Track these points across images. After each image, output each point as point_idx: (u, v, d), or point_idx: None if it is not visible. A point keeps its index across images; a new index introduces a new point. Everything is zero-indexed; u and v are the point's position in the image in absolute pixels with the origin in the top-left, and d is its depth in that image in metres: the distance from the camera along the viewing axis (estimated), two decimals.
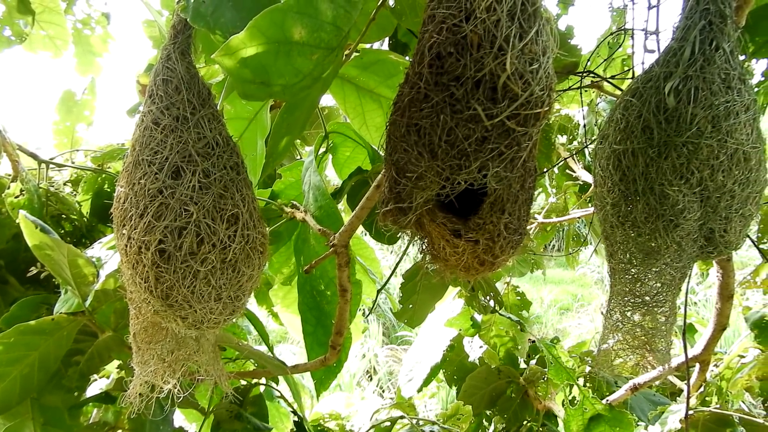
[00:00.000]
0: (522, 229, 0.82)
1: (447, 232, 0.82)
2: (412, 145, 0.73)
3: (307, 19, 0.68)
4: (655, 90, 0.92)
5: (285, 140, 0.81)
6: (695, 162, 0.89)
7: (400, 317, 1.46)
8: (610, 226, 0.98)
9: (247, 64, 0.66)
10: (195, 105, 0.77)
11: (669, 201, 0.91)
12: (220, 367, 0.88)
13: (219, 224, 0.73)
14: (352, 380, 5.92)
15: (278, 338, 6.35)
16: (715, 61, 0.89)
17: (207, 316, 0.74)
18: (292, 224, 1.43)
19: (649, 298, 0.99)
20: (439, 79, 0.71)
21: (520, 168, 0.75)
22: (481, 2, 0.70)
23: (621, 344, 1.02)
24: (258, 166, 1.22)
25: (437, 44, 0.71)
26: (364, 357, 6.29)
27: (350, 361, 6.07)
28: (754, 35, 1.28)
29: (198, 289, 0.73)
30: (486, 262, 0.82)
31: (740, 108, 0.90)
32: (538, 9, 0.71)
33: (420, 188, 0.75)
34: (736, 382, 1.36)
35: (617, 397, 1.54)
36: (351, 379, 5.93)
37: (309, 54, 0.69)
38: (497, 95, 0.70)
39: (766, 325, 1.31)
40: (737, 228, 0.96)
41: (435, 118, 0.71)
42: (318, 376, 1.37)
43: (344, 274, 1.20)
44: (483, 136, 0.71)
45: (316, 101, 0.84)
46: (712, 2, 0.91)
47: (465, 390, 1.90)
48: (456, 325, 1.78)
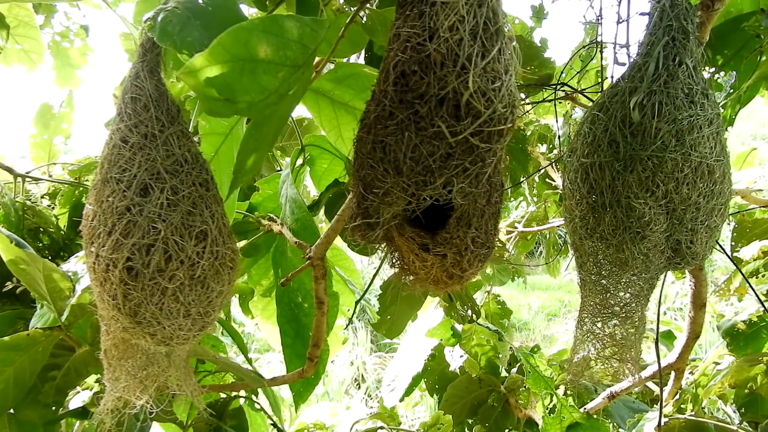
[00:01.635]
0: (489, 242, 0.83)
1: (415, 246, 0.83)
2: (378, 161, 0.74)
3: (273, 38, 0.69)
4: (620, 104, 0.93)
5: (253, 157, 0.82)
6: (660, 175, 0.91)
7: (379, 328, 1.46)
8: (579, 238, 0.99)
9: (212, 81, 0.66)
10: (164, 122, 0.77)
11: (635, 213, 0.93)
12: (192, 382, 0.88)
13: (187, 241, 0.74)
14: (340, 388, 5.90)
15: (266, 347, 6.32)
16: (679, 76, 0.92)
17: (176, 333, 0.75)
18: (270, 237, 1.44)
19: (619, 308, 1.00)
20: (403, 97, 0.72)
21: (486, 183, 0.77)
22: (444, 21, 0.71)
23: (592, 354, 1.04)
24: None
25: (402, 62, 0.73)
26: (352, 365, 6.27)
27: (338, 368, 6.05)
28: (723, 48, 1.31)
29: (166, 306, 0.73)
30: (454, 276, 0.83)
31: (703, 122, 0.92)
32: (501, 28, 0.73)
33: (387, 204, 0.76)
34: (710, 389, 1.38)
35: (595, 406, 1.55)
36: (339, 386, 5.91)
37: (275, 72, 0.70)
38: (461, 113, 0.71)
39: (738, 333, 1.33)
40: (703, 239, 0.98)
41: (400, 135, 0.72)
42: (296, 388, 1.37)
43: (321, 286, 1.20)
44: (447, 153, 0.72)
45: (285, 117, 0.85)
46: (675, 19, 0.93)
47: (446, 399, 1.90)
48: (437, 335, 1.79)
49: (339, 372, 6.07)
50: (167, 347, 0.77)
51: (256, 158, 0.84)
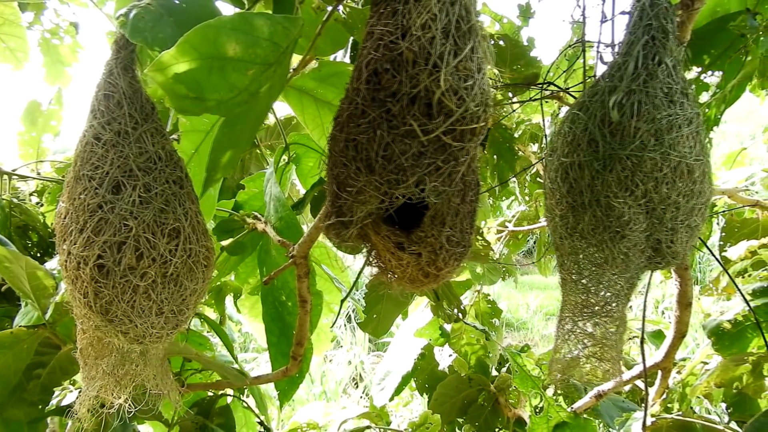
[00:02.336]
0: (465, 241, 0.83)
1: (391, 245, 0.82)
2: (350, 159, 0.74)
3: (242, 35, 0.69)
4: (600, 104, 0.93)
5: (228, 154, 0.81)
6: (639, 174, 0.90)
7: (365, 327, 1.46)
8: (560, 237, 0.99)
9: (180, 79, 0.66)
10: (137, 119, 0.77)
11: (615, 213, 0.92)
12: (170, 381, 0.88)
13: (159, 239, 0.73)
14: (338, 387, 5.89)
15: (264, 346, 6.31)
16: (658, 75, 0.91)
17: (148, 331, 0.74)
18: (256, 235, 1.44)
19: (599, 308, 1.00)
20: (376, 95, 0.72)
21: (459, 182, 0.76)
22: (416, 20, 0.71)
23: (573, 353, 1.04)
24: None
25: (374, 60, 0.72)
26: (350, 364, 6.27)
27: (336, 368, 6.05)
28: (709, 48, 1.31)
29: (138, 304, 0.73)
30: (430, 275, 0.83)
31: (683, 121, 0.91)
32: (474, 27, 0.73)
33: (360, 202, 0.75)
34: (695, 389, 1.37)
35: (582, 405, 1.55)
36: (337, 386, 5.91)
37: (244, 69, 0.70)
38: (433, 111, 0.71)
39: (723, 333, 1.33)
40: (684, 239, 0.98)
41: (372, 133, 0.72)
42: (281, 387, 1.37)
43: (304, 284, 1.20)
44: (419, 151, 0.72)
45: (261, 115, 0.85)
46: (654, 18, 0.92)
47: (436, 399, 1.90)
48: (425, 334, 1.79)
49: (337, 371, 6.07)
50: (141, 345, 0.77)
51: (231, 156, 0.83)
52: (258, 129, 0.90)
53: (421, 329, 1.76)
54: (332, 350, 6.39)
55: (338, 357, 6.38)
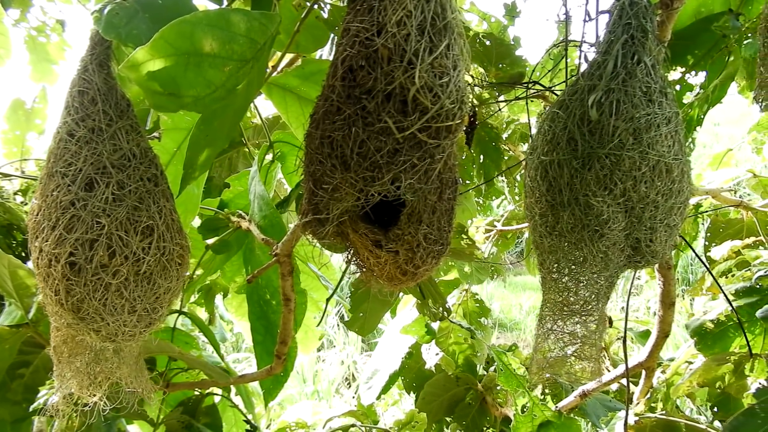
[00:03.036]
0: (443, 239, 0.83)
1: (369, 243, 0.82)
2: (326, 157, 0.73)
3: (218, 32, 0.68)
4: (579, 102, 0.93)
5: (206, 152, 0.81)
6: (618, 173, 0.91)
7: (351, 326, 1.46)
8: (539, 235, 0.99)
9: (155, 75, 0.66)
10: (111, 116, 0.77)
11: (593, 211, 0.92)
12: (145, 379, 0.87)
13: (132, 236, 0.73)
14: (330, 387, 5.88)
15: None
16: (637, 74, 0.91)
17: (121, 329, 0.74)
18: (242, 234, 1.43)
19: (578, 306, 1.00)
20: (351, 92, 0.72)
21: (436, 180, 0.76)
22: (392, 16, 0.71)
23: (553, 352, 1.04)
24: (202, 177, 1.22)
25: (349, 57, 0.72)
26: (342, 363, 6.26)
27: (329, 368, 6.04)
28: (693, 48, 1.31)
29: (110, 302, 0.72)
30: (408, 273, 0.83)
31: (661, 120, 0.92)
32: (449, 24, 0.72)
33: (336, 200, 0.75)
34: (678, 388, 1.38)
35: (567, 404, 1.55)
36: (329, 386, 5.90)
37: (221, 66, 0.69)
38: (408, 108, 0.71)
39: (706, 333, 1.34)
40: (663, 238, 0.98)
41: (347, 130, 0.72)
42: (266, 385, 1.37)
43: (287, 283, 1.20)
44: (395, 149, 0.72)
45: (240, 112, 0.84)
46: (634, 17, 0.93)
47: (423, 397, 1.90)
48: (411, 332, 1.79)
49: (329, 371, 6.05)
50: (114, 344, 0.76)
51: (209, 153, 0.83)
52: (237, 126, 0.90)
53: (408, 326, 1.76)
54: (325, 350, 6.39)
55: (331, 357, 6.36)
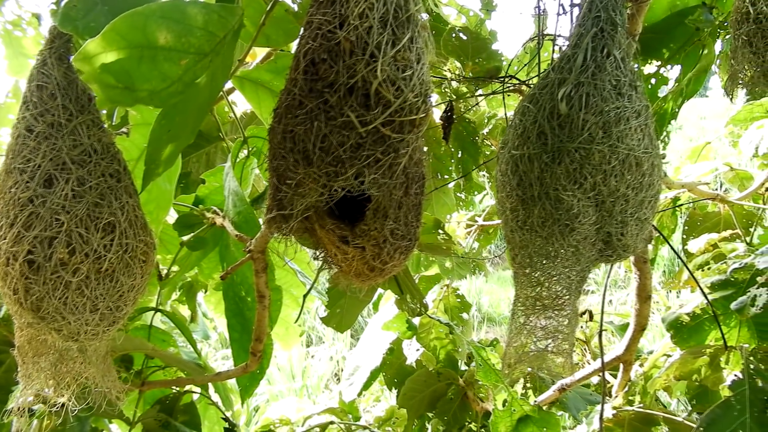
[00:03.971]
0: (411, 235, 0.82)
1: (336, 239, 0.81)
2: (288, 152, 0.73)
3: (173, 24, 0.67)
4: (549, 96, 0.93)
5: (170, 147, 0.80)
6: (588, 167, 0.90)
7: (328, 322, 1.45)
8: (511, 230, 0.98)
9: (108, 68, 0.64)
10: (72, 111, 0.75)
11: (564, 205, 0.92)
12: (113, 378, 0.86)
13: (93, 233, 0.72)
14: (319, 383, 5.88)
15: None
16: (606, 67, 0.91)
17: (83, 328, 0.73)
18: (218, 230, 1.42)
19: (550, 301, 1.00)
20: (313, 86, 0.71)
21: (401, 175, 0.75)
22: (354, 9, 0.70)
23: (526, 347, 1.03)
24: (174, 173, 1.21)
25: (312, 50, 0.71)
26: (331, 359, 6.26)
27: (317, 363, 6.03)
28: (668, 42, 1.31)
29: (71, 301, 0.71)
30: (375, 269, 0.82)
31: (631, 114, 0.91)
32: (412, 16, 0.72)
33: (300, 195, 0.74)
34: (654, 381, 1.38)
35: (545, 398, 1.56)
36: (318, 381, 5.89)
37: (177, 59, 0.68)
38: (370, 102, 0.70)
39: (682, 326, 1.34)
40: (634, 231, 0.98)
41: (309, 124, 0.71)
42: (243, 383, 1.36)
43: (261, 280, 1.19)
44: (357, 143, 0.71)
45: (204, 106, 0.83)
46: (603, 10, 0.92)
47: (404, 393, 1.90)
48: (392, 328, 1.78)
49: (318, 367, 6.04)
50: (77, 343, 0.75)
51: (173, 149, 0.82)
52: (202, 120, 0.89)
53: (389, 322, 1.76)
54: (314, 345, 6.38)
55: (320, 352, 6.35)
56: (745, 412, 1.18)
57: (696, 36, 1.21)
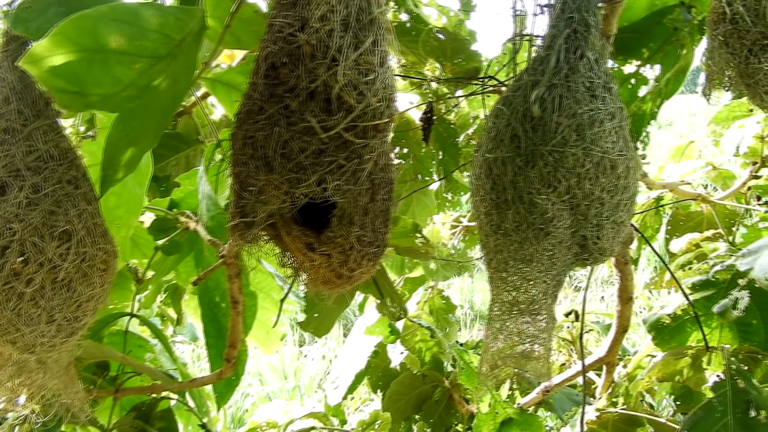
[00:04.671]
0: (379, 241, 0.81)
1: (302, 246, 0.80)
2: (249, 158, 0.71)
3: (126, 27, 0.65)
4: (522, 98, 0.91)
5: (130, 152, 0.78)
6: (561, 170, 0.89)
7: (306, 327, 1.43)
8: (485, 234, 0.97)
9: (58, 72, 0.62)
10: (27, 116, 0.73)
11: (538, 209, 0.90)
12: (76, 388, 0.84)
13: (48, 242, 0.70)
14: (312, 383, 5.86)
15: None
16: (580, 69, 0.90)
17: (38, 340, 0.71)
18: (194, 234, 1.40)
19: (526, 305, 0.98)
20: (273, 91, 0.69)
21: (366, 181, 0.74)
22: (315, 11, 0.68)
23: (503, 352, 1.02)
24: (144, 176, 1.19)
25: (272, 54, 0.69)
26: (324, 359, 6.24)
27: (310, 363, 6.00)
28: (648, 41, 1.30)
29: (25, 312, 0.69)
30: (343, 276, 0.80)
31: (605, 116, 0.90)
32: (375, 19, 0.70)
33: (262, 202, 0.73)
34: (637, 383, 1.37)
35: (529, 400, 1.55)
36: (311, 381, 5.87)
37: (130, 63, 0.66)
38: (332, 107, 0.68)
39: (663, 327, 1.33)
40: (610, 235, 0.96)
41: (269, 130, 0.69)
42: (219, 389, 1.34)
43: (235, 285, 1.17)
44: (319, 149, 0.69)
45: (166, 110, 0.81)
46: (576, 11, 0.91)
47: (390, 396, 1.88)
48: (375, 332, 1.77)
49: (310, 367, 6.02)
50: (33, 355, 0.73)
51: (134, 153, 0.80)
52: (166, 124, 0.87)
53: (371, 327, 1.74)
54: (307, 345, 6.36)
55: (312, 352, 6.33)
56: (728, 414, 1.17)
57: (674, 36, 1.20)
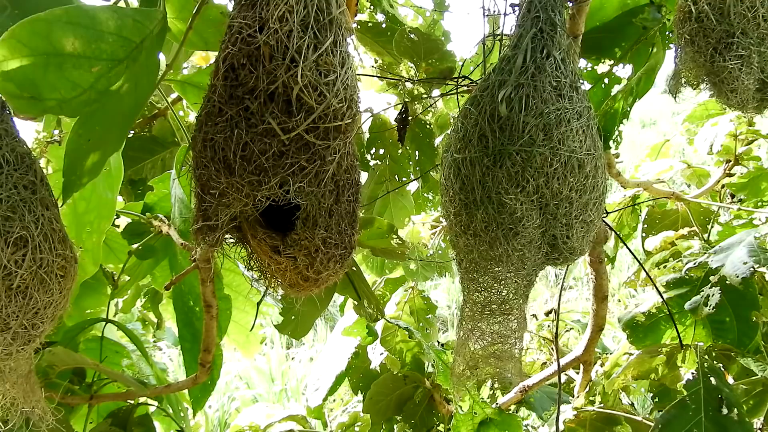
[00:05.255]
0: (345, 243, 0.80)
1: (268, 249, 0.79)
2: (209, 161, 0.70)
3: (81, 30, 0.64)
4: (490, 98, 0.91)
5: (93, 157, 0.76)
6: (529, 170, 0.89)
7: (283, 329, 1.43)
8: (455, 235, 0.97)
9: (11, 77, 0.61)
10: None
11: (507, 209, 0.90)
12: (36, 397, 0.82)
13: (2, 248, 0.68)
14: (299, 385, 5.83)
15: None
16: (546, 69, 0.90)
17: None
18: (168, 238, 1.38)
19: (497, 306, 0.98)
20: (233, 92, 0.68)
21: (330, 182, 0.73)
22: (274, 12, 0.67)
23: (475, 353, 1.02)
24: (115, 180, 1.17)
25: (231, 55, 0.69)
26: (311, 361, 6.21)
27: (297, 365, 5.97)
28: (620, 40, 1.30)
29: None
30: (310, 279, 0.80)
31: (572, 115, 0.90)
32: (335, 19, 0.69)
33: (224, 205, 0.72)
34: (613, 381, 1.38)
35: (507, 400, 1.55)
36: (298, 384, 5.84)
37: (87, 66, 0.65)
38: (292, 108, 0.67)
39: (637, 325, 1.34)
40: (579, 234, 0.97)
41: (229, 132, 0.68)
42: (194, 394, 1.33)
43: (208, 289, 1.16)
44: (280, 151, 0.68)
45: (130, 113, 0.80)
46: (542, 10, 0.91)
47: (370, 397, 1.88)
48: (353, 333, 1.76)
49: (298, 369, 6.00)
50: None
51: (97, 159, 0.79)
52: (130, 127, 0.85)
53: (349, 328, 1.74)
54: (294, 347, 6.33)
55: (300, 354, 6.30)
56: (700, 412, 1.18)
57: (644, 35, 1.21)
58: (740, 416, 1.11)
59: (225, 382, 5.62)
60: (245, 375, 5.87)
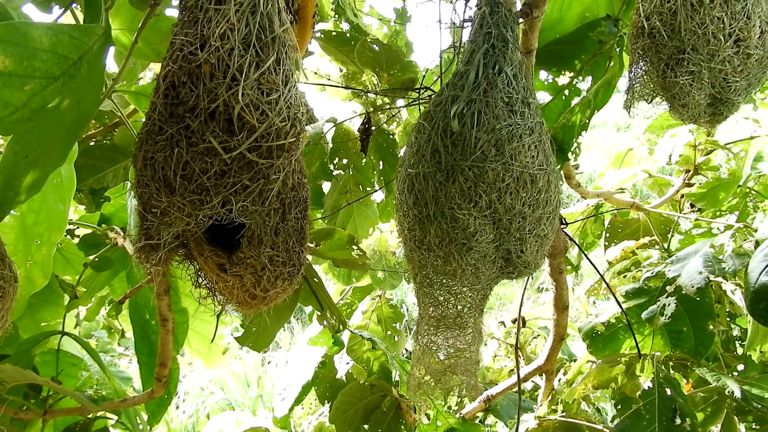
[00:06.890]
0: (294, 260, 0.79)
1: (215, 266, 0.78)
2: (150, 179, 0.69)
3: (12, 47, 0.62)
4: (442, 113, 0.91)
5: (33, 174, 0.74)
6: (482, 185, 0.89)
7: (244, 341, 1.41)
8: (410, 250, 0.96)
9: None
10: None
11: (460, 224, 0.90)
12: None
13: None
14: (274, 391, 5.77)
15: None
16: (498, 84, 0.90)
17: None
18: (125, 250, 1.36)
19: (452, 320, 0.98)
20: (174, 110, 0.67)
21: (275, 201, 0.72)
22: (215, 29, 0.66)
23: (431, 366, 1.02)
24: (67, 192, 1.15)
25: (171, 73, 0.67)
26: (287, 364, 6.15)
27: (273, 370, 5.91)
28: (580, 53, 1.31)
29: None
30: (257, 297, 0.79)
31: (524, 131, 0.90)
32: (278, 37, 0.69)
33: (166, 224, 0.70)
34: (573, 390, 1.39)
35: (471, 410, 1.55)
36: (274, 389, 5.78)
37: (19, 84, 0.63)
38: (234, 127, 0.66)
39: (597, 335, 1.35)
40: (534, 248, 0.97)
41: (170, 151, 0.67)
42: (151, 408, 1.30)
43: (163, 302, 1.14)
44: (222, 170, 0.67)
45: (73, 130, 0.78)
46: (494, 26, 0.91)
47: (337, 407, 1.86)
48: (319, 343, 1.75)
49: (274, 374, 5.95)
50: None
51: (37, 176, 0.77)
52: (74, 143, 0.84)
53: (314, 338, 1.73)
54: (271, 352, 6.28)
55: (276, 358, 6.24)
56: (654, 422, 1.19)
57: (601, 48, 1.22)
58: (693, 426, 1.12)
59: (200, 387, 5.54)
60: (220, 380, 5.80)
